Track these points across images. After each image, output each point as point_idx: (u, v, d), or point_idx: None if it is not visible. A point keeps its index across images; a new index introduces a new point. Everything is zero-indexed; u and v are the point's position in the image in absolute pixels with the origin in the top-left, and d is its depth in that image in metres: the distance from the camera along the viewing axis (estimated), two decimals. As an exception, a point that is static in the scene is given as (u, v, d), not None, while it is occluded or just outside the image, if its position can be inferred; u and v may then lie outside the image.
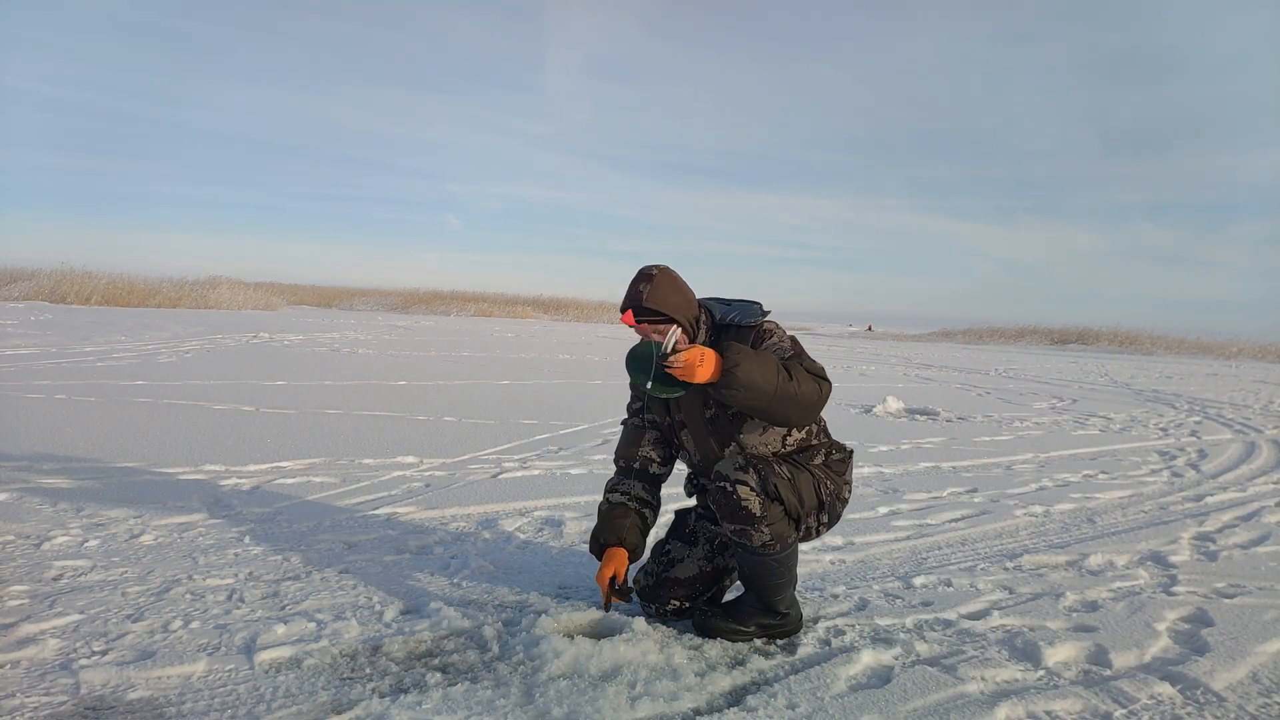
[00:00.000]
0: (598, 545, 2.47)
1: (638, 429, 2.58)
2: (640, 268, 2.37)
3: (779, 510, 2.22)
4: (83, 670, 1.96)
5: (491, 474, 4.37)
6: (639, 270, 2.36)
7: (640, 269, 2.37)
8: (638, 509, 2.48)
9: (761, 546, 2.23)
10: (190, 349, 10.94)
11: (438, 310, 35.43)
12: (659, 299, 2.30)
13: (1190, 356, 25.95)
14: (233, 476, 4.03)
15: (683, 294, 2.35)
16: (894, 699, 2.01)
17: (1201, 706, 2.05)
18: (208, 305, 24.96)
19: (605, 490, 2.55)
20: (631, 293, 2.31)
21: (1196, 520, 4.02)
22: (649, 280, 2.32)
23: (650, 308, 2.28)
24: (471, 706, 1.88)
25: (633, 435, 2.58)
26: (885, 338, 35.28)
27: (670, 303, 2.31)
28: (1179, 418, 8.53)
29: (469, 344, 15.61)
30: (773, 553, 2.26)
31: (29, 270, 23.60)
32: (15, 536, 2.93)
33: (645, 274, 2.34)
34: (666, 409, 2.49)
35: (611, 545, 2.43)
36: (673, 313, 2.30)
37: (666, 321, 2.30)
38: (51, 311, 17.76)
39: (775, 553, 2.26)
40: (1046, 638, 2.42)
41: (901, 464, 5.24)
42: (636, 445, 2.55)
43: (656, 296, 2.30)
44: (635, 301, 2.29)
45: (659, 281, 2.32)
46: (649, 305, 2.28)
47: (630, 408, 2.63)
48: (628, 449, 2.57)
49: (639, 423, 2.59)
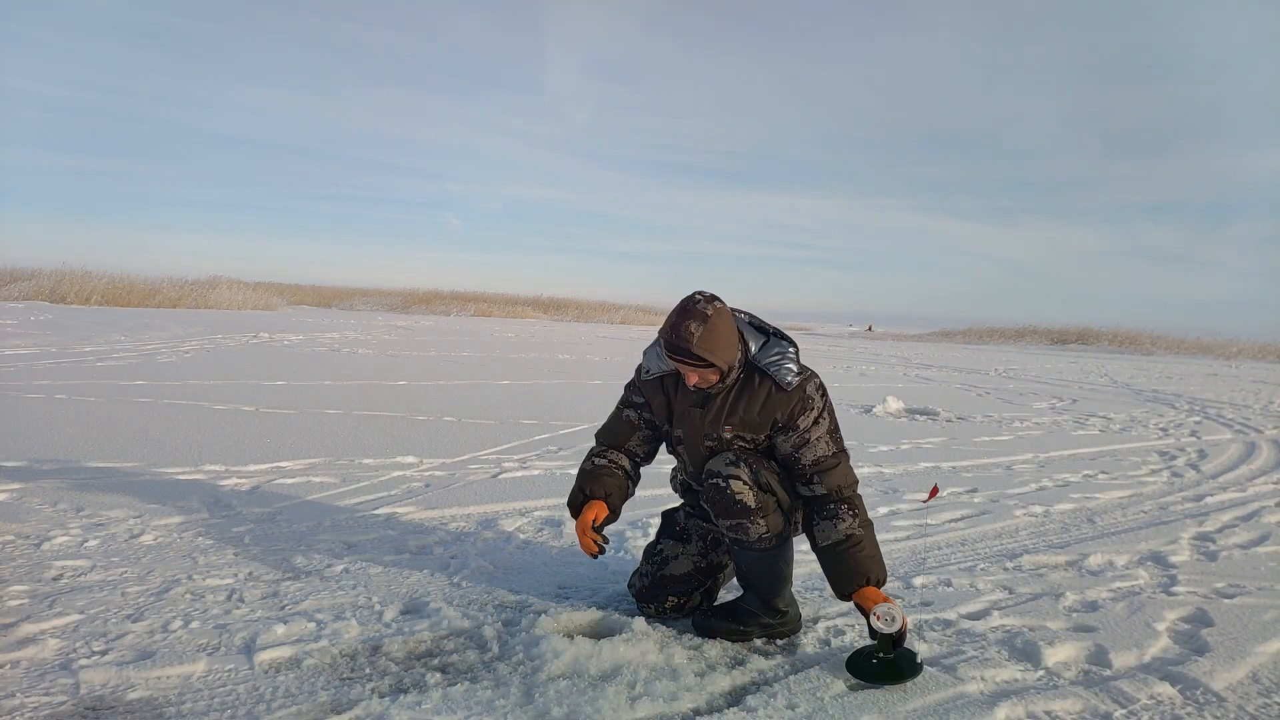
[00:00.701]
0: (581, 497, 2.40)
1: (630, 424, 2.51)
2: (692, 298, 2.21)
3: (772, 501, 2.24)
4: (83, 670, 1.96)
5: (491, 474, 4.37)
6: (690, 302, 2.20)
7: (692, 301, 2.20)
8: (623, 475, 2.45)
9: (758, 540, 2.25)
10: (190, 349, 10.94)
11: (437, 310, 35.43)
12: (708, 346, 2.16)
13: (1190, 356, 25.95)
14: (233, 476, 4.03)
15: (733, 336, 2.23)
16: (894, 699, 2.01)
17: (1201, 707, 2.05)
18: (208, 305, 24.95)
19: (588, 456, 2.49)
20: (681, 332, 2.16)
21: (1196, 520, 4.02)
22: (702, 322, 2.16)
23: (698, 354, 2.16)
24: (471, 706, 1.88)
25: (624, 428, 2.51)
26: (885, 338, 35.28)
27: (719, 351, 2.18)
28: (1179, 418, 8.53)
29: (469, 344, 15.61)
30: (769, 546, 2.27)
31: (29, 270, 23.59)
32: (15, 536, 2.93)
33: (698, 311, 2.18)
34: (667, 417, 2.45)
35: (595, 498, 2.38)
36: (719, 362, 2.19)
37: (707, 366, 2.21)
38: (51, 311, 17.76)
39: (771, 546, 2.27)
40: (1046, 638, 2.42)
41: (901, 464, 5.24)
42: (625, 438, 2.50)
43: (706, 342, 2.16)
44: (684, 345, 2.16)
45: (712, 325, 2.17)
46: (698, 352, 2.16)
47: (630, 400, 2.53)
48: (614, 437, 2.51)
49: (634, 418, 2.51)
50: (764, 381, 2.28)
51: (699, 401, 2.35)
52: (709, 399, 2.33)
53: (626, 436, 2.50)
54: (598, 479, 2.41)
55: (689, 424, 2.37)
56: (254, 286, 30.19)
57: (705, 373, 2.24)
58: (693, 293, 2.24)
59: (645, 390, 2.48)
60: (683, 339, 2.16)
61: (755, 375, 2.29)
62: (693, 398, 2.36)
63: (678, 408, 2.41)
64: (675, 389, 2.42)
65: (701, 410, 2.34)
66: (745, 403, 2.29)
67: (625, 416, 2.52)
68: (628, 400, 2.54)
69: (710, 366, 2.21)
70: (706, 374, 2.24)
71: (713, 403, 2.33)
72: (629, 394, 2.54)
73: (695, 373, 2.24)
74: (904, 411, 7.92)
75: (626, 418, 2.52)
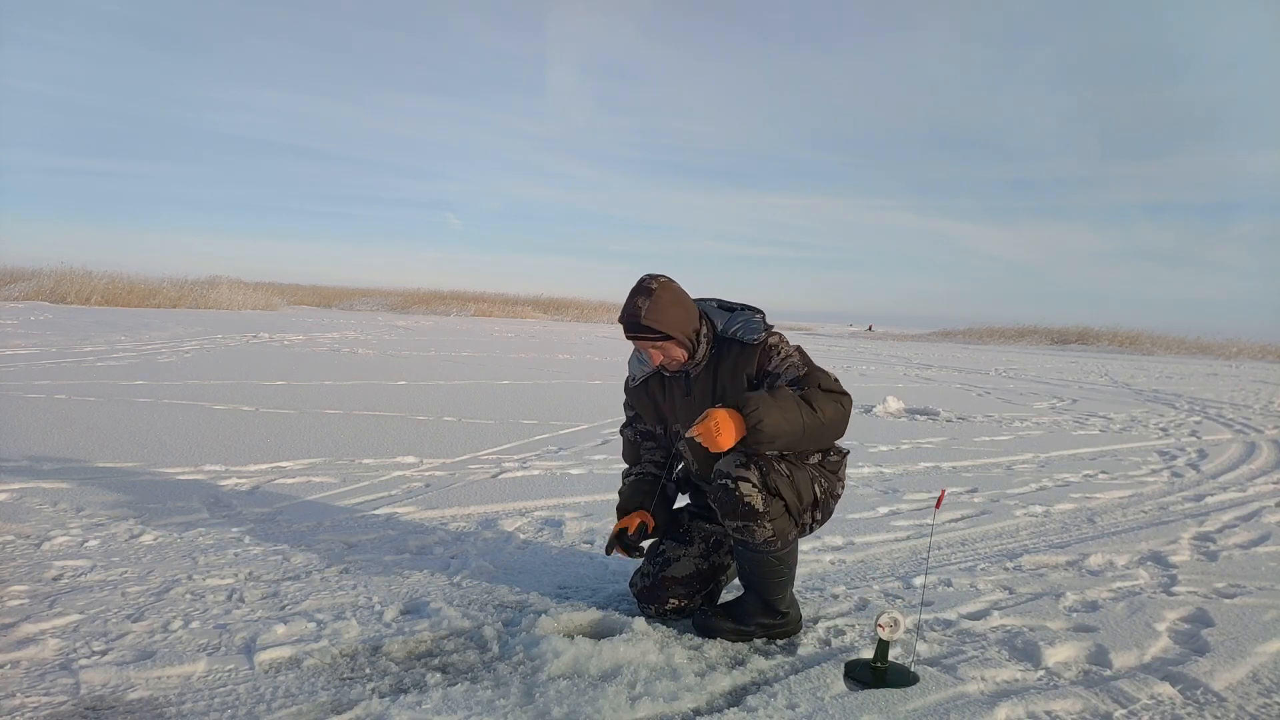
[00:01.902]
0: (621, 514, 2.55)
1: (632, 444, 2.65)
2: (639, 279, 2.32)
3: (780, 506, 2.23)
4: (83, 670, 1.96)
5: (491, 474, 4.37)
6: (638, 282, 2.31)
7: (639, 281, 2.31)
8: (652, 479, 2.56)
9: (764, 542, 2.24)
10: (190, 349, 10.94)
11: (438, 310, 35.43)
12: (656, 315, 2.25)
13: (1190, 356, 25.95)
14: (233, 476, 4.03)
15: (682, 308, 2.30)
16: (894, 699, 2.01)
17: (1201, 707, 2.05)
18: (208, 305, 24.95)
19: (624, 475, 2.64)
20: (629, 308, 2.27)
21: (1196, 520, 4.02)
22: (648, 295, 2.26)
23: (647, 325, 2.24)
24: (471, 706, 1.88)
25: (631, 449, 2.66)
26: (885, 338, 35.28)
27: (668, 319, 2.26)
28: (1179, 418, 8.53)
29: (469, 344, 15.61)
30: (774, 549, 2.26)
31: (29, 270, 23.60)
32: (15, 536, 2.93)
33: (644, 287, 2.28)
34: (660, 419, 2.53)
35: (631, 509, 2.52)
36: (671, 330, 2.26)
37: (663, 339, 2.28)
38: (51, 311, 17.76)
39: (776, 549, 2.27)
40: (1046, 638, 2.42)
41: (901, 464, 5.24)
42: (637, 457, 2.64)
43: (654, 313, 2.25)
44: (633, 318, 2.26)
45: (658, 296, 2.26)
46: (646, 323, 2.24)
47: (627, 419, 2.66)
48: (631, 457, 2.66)
49: (632, 437, 2.64)
50: (731, 345, 2.34)
51: (685, 390, 2.40)
52: (692, 383, 2.38)
53: (637, 456, 2.64)
54: (635, 491, 2.55)
55: (684, 414, 2.41)
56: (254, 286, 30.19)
57: (667, 347, 2.29)
58: (641, 276, 2.33)
59: (633, 399, 2.57)
60: (631, 314, 2.26)
61: (724, 344, 2.35)
62: (679, 389, 2.41)
63: (667, 405, 2.47)
64: (661, 389, 2.48)
65: (688, 398, 2.39)
66: (727, 372, 2.33)
67: (626, 437, 2.66)
68: (626, 421, 2.67)
69: (667, 339, 2.27)
70: (669, 349, 2.30)
71: (695, 386, 2.38)
72: (625, 411, 2.66)
73: (657, 350, 2.30)
74: (904, 411, 7.92)
75: (627, 438, 2.66)
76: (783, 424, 2.09)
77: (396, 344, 14.47)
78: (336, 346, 13.00)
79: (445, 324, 25.29)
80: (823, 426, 2.16)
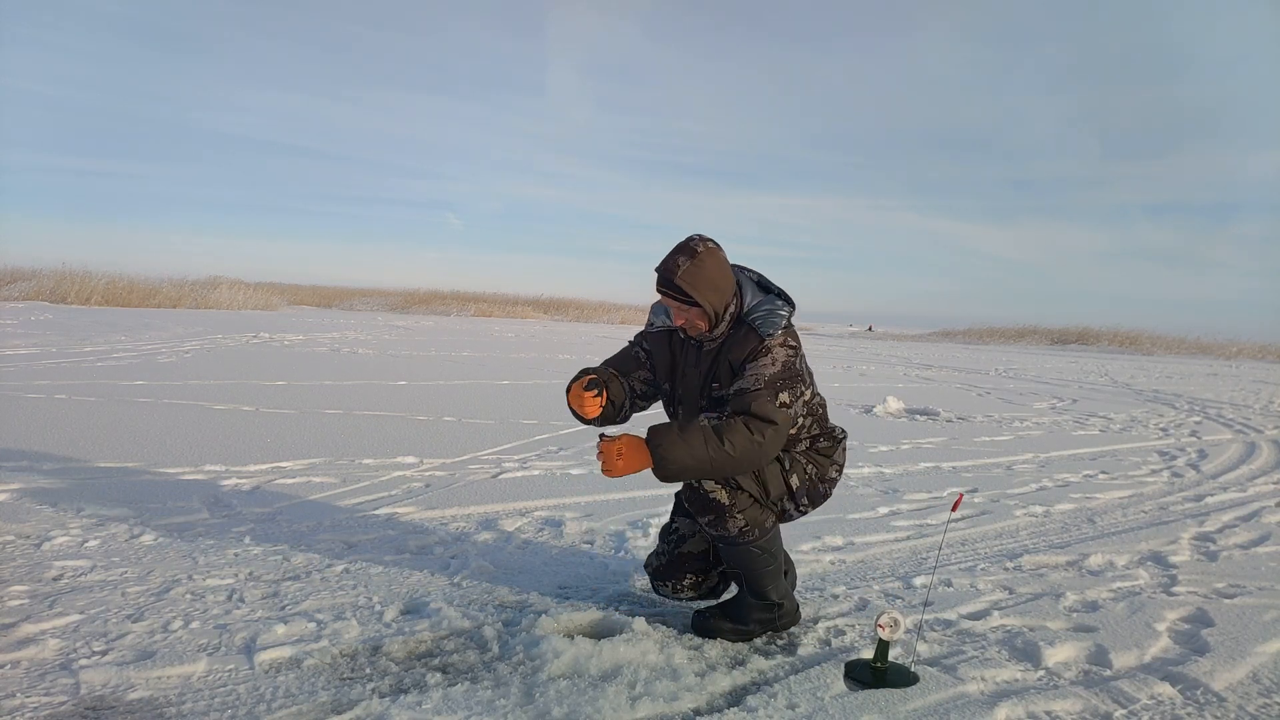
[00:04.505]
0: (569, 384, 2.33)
1: (637, 360, 2.48)
2: (689, 238, 2.25)
3: (746, 497, 2.24)
4: (83, 670, 1.96)
5: (491, 474, 4.37)
6: (686, 240, 2.25)
7: (688, 239, 2.25)
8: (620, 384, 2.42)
9: (739, 534, 2.24)
10: (190, 349, 10.94)
11: (438, 310, 35.43)
12: (691, 279, 2.18)
13: (1190, 356, 25.95)
14: (233, 476, 4.03)
15: (721, 279, 2.22)
16: (894, 699, 2.01)
17: (1201, 707, 2.05)
18: (208, 305, 24.96)
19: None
20: (668, 262, 2.21)
21: (1196, 520, 4.02)
22: (690, 256, 2.20)
23: (679, 286, 2.18)
24: (471, 706, 1.88)
25: (631, 362, 2.48)
26: (885, 338, 35.28)
27: (702, 287, 2.19)
28: (1179, 418, 8.53)
29: (469, 344, 15.61)
30: (752, 539, 2.26)
31: (29, 270, 23.59)
32: (15, 536, 2.93)
33: (689, 247, 2.22)
34: (669, 375, 2.44)
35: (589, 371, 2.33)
36: (700, 299, 2.20)
37: (691, 305, 2.21)
38: (51, 311, 17.76)
39: (755, 539, 2.27)
40: (1046, 638, 2.42)
41: (901, 464, 5.24)
42: (629, 370, 2.47)
43: (690, 276, 2.18)
44: (668, 273, 2.20)
45: (701, 261, 2.19)
46: (679, 283, 2.18)
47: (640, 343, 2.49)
48: (620, 365, 2.48)
49: (642, 356, 2.48)
50: (744, 329, 2.26)
51: (696, 361, 2.36)
52: (702, 356, 2.34)
53: (631, 369, 2.48)
54: (592, 369, 2.37)
55: (688, 383, 2.38)
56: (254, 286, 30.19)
57: (691, 315, 2.24)
58: (691, 235, 2.26)
59: (651, 342, 2.48)
60: (668, 269, 2.20)
61: (742, 328, 2.27)
62: (693, 357, 2.36)
63: (680, 365, 2.41)
64: (680, 346, 2.42)
65: (696, 368, 2.35)
66: (725, 353, 2.29)
67: (635, 353, 2.50)
68: (637, 342, 2.52)
69: (694, 306, 2.21)
70: (693, 317, 2.24)
71: (705, 360, 2.33)
72: (639, 339, 2.52)
73: (681, 313, 2.25)
74: (904, 411, 7.92)
75: (636, 354, 2.49)
76: (688, 460, 2.07)
77: (396, 344, 14.47)
78: (336, 346, 13.00)
79: (445, 324, 25.29)
80: (731, 460, 2.10)
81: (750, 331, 2.25)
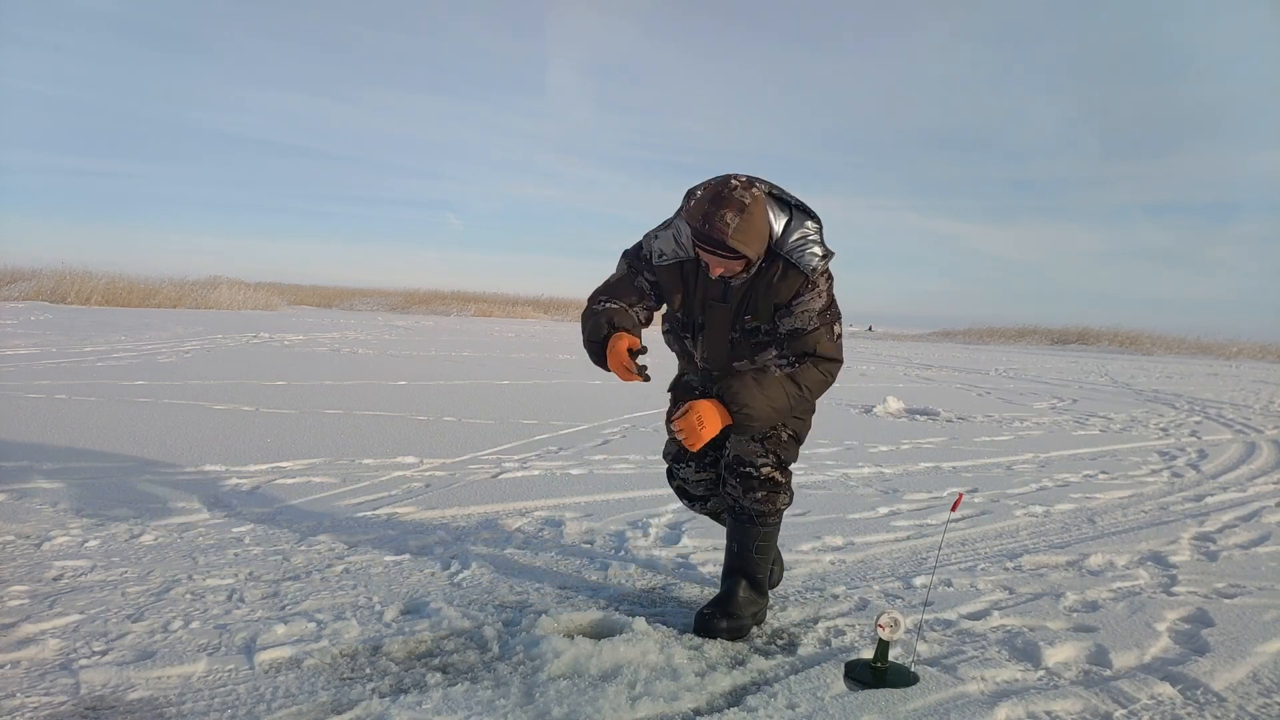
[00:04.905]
0: (607, 329, 2.17)
1: (640, 291, 2.33)
2: (727, 182, 2.03)
3: (791, 476, 2.38)
4: (83, 670, 1.96)
5: (491, 474, 4.37)
6: (726, 187, 2.02)
7: (728, 185, 2.03)
8: (635, 318, 2.28)
9: (778, 511, 2.36)
10: (190, 349, 10.94)
11: (438, 310, 35.43)
12: (744, 237, 2.00)
13: (1190, 356, 25.95)
14: (233, 476, 4.03)
15: (765, 225, 2.08)
16: (894, 699, 2.01)
17: (1201, 707, 2.05)
18: (208, 305, 24.95)
19: (595, 299, 2.32)
20: (715, 221, 1.98)
21: (1197, 520, 4.02)
22: (740, 211, 1.99)
23: (733, 247, 2.00)
24: (471, 706, 1.88)
25: (633, 291, 2.33)
26: (885, 338, 35.28)
27: (754, 242, 2.03)
28: (1179, 418, 8.53)
29: (469, 344, 15.61)
30: (779, 516, 2.39)
31: (29, 270, 23.58)
32: (15, 536, 2.93)
33: (736, 199, 2.00)
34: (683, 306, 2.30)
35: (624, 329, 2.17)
36: (753, 255, 2.06)
37: (737, 259, 2.06)
38: (51, 311, 17.76)
39: (781, 514, 2.39)
40: (1046, 638, 2.42)
41: (901, 464, 5.24)
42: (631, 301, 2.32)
43: (742, 234, 2.00)
44: (719, 236, 1.99)
45: (751, 214, 2.01)
46: (732, 244, 1.99)
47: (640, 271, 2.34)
48: (621, 293, 2.32)
49: (645, 288, 2.33)
50: (778, 262, 2.15)
51: (720, 294, 2.23)
52: (729, 290, 2.23)
53: (633, 300, 2.32)
54: (612, 318, 2.19)
55: (713, 316, 2.27)
56: (254, 286, 30.18)
57: (734, 265, 2.11)
58: (727, 176, 2.08)
59: (660, 274, 2.30)
60: (717, 229, 1.99)
61: (777, 261, 2.16)
62: (714, 290, 2.24)
63: (698, 296, 2.27)
64: (695, 278, 2.26)
65: (724, 304, 2.24)
66: (763, 289, 2.19)
67: (637, 283, 2.33)
68: (638, 270, 2.34)
69: (740, 258, 2.08)
70: (733, 265, 2.11)
71: (734, 294, 2.22)
72: (640, 267, 2.34)
73: (722, 264, 2.10)
74: (904, 411, 7.92)
75: (639, 284, 2.33)
76: (768, 410, 2.07)
77: (396, 344, 14.47)
78: (337, 346, 13.00)
79: (445, 324, 25.29)
80: (806, 402, 2.16)
81: (790, 267, 2.15)
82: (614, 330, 2.16)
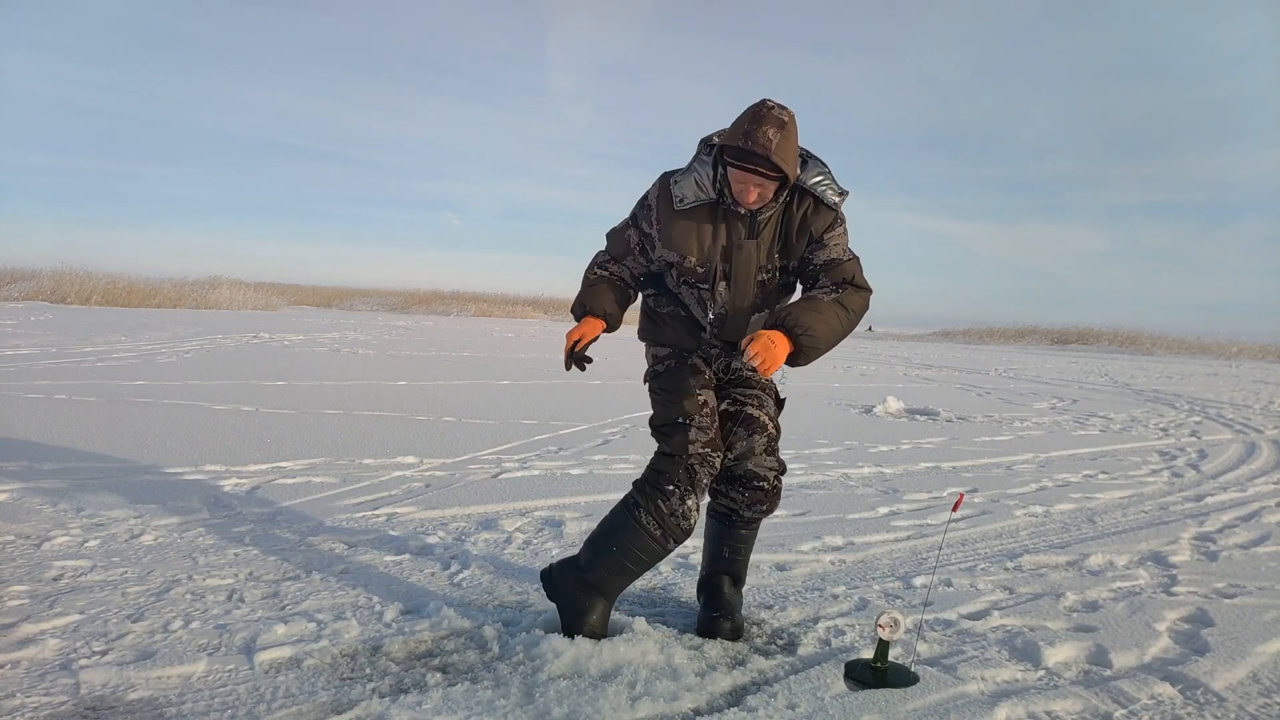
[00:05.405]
0: (580, 309, 2.35)
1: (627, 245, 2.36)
2: (763, 104, 2.03)
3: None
4: (83, 670, 1.96)
5: (491, 474, 4.37)
6: (764, 108, 2.01)
7: (765, 107, 2.02)
8: (623, 288, 2.38)
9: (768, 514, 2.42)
10: (190, 349, 10.94)
11: (438, 310, 35.43)
12: (785, 154, 1.99)
13: (1190, 356, 25.95)
14: (233, 476, 4.03)
15: (798, 152, 2.09)
16: (894, 699, 2.01)
17: (1201, 707, 2.05)
18: (208, 305, 24.96)
19: (595, 265, 2.40)
20: (759, 137, 1.97)
21: (1196, 520, 4.02)
22: (780, 128, 1.99)
23: (776, 163, 1.98)
24: (471, 706, 1.88)
25: (625, 247, 2.36)
26: (885, 338, 35.29)
27: (791, 159, 2.02)
28: (1179, 418, 8.53)
29: (469, 344, 15.61)
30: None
31: (29, 270, 23.61)
32: (15, 536, 2.93)
33: (775, 117, 2.00)
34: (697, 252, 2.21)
35: (593, 315, 2.32)
36: (790, 173, 2.04)
37: (776, 180, 2.05)
38: (51, 311, 17.76)
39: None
40: (1046, 638, 2.42)
41: (901, 464, 5.24)
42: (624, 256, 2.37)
43: (784, 150, 1.99)
44: (763, 150, 1.97)
45: (790, 132, 2.00)
46: (775, 159, 1.98)
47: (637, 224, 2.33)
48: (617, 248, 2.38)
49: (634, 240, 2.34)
50: (806, 198, 2.16)
51: (750, 232, 2.18)
52: (755, 224, 2.17)
53: (623, 257, 2.38)
54: (599, 293, 2.33)
55: (739, 258, 2.19)
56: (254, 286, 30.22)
57: (769, 188, 2.07)
58: (762, 99, 2.06)
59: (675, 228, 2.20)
60: (760, 144, 1.97)
61: (806, 196, 2.16)
62: (741, 228, 2.18)
63: (715, 239, 2.20)
64: (713, 220, 2.19)
65: (753, 239, 2.19)
66: (787, 225, 2.19)
67: (627, 236, 2.35)
68: (634, 223, 2.34)
69: (775, 180, 2.05)
70: (769, 190, 2.08)
71: (763, 231, 2.19)
72: (638, 220, 2.32)
73: (758, 187, 2.06)
74: (904, 412, 7.92)
75: (628, 238, 2.35)
76: (827, 334, 2.06)
77: (396, 344, 14.47)
78: (336, 346, 13.00)
79: (445, 324, 25.29)
80: (852, 326, 2.16)
81: (819, 203, 2.16)
82: (589, 314, 2.35)
